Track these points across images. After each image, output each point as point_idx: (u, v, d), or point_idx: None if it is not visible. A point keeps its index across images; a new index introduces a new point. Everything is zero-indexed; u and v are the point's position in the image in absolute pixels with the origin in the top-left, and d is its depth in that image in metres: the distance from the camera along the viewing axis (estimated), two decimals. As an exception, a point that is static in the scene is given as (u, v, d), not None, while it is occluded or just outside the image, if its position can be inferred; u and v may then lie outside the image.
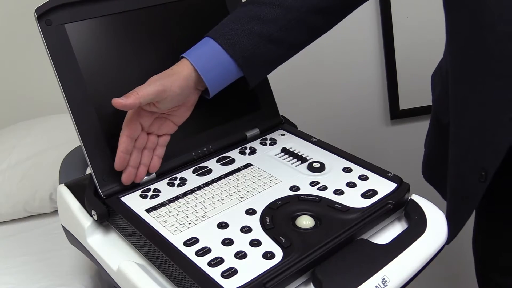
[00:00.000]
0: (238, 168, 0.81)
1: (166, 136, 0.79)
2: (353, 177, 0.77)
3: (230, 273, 0.60)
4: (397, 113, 1.65)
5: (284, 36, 0.78)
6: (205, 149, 0.84)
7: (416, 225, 0.71)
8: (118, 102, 0.70)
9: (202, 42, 0.78)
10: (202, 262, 0.62)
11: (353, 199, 0.72)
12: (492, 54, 0.69)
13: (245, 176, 0.79)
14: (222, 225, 0.68)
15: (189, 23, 0.86)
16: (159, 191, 0.76)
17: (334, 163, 0.81)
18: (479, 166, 0.74)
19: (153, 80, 0.73)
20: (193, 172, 0.80)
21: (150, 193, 0.75)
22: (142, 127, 0.76)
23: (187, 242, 0.65)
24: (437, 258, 0.71)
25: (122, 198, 0.74)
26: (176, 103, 0.76)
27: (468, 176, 0.77)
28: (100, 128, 0.75)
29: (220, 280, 0.59)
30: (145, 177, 0.77)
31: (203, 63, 0.75)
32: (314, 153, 0.84)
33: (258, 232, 0.67)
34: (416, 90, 1.62)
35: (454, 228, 0.80)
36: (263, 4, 0.77)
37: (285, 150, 0.85)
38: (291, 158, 0.83)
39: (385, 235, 0.72)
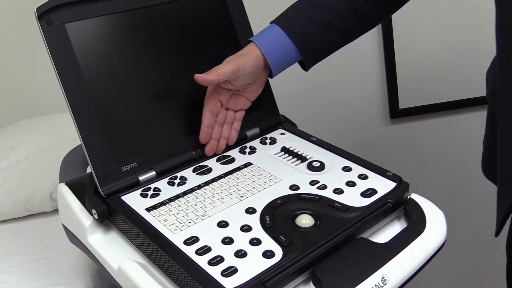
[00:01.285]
0: (238, 167, 0.81)
1: (241, 111, 0.87)
2: (352, 176, 0.77)
3: (230, 271, 0.60)
4: (396, 112, 1.65)
5: (341, 23, 0.86)
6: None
7: (416, 224, 0.72)
8: (200, 77, 0.79)
9: (268, 28, 0.87)
10: (202, 261, 0.62)
11: (353, 198, 0.72)
12: None
13: (245, 175, 0.79)
14: (222, 224, 0.68)
15: (190, 22, 0.86)
16: (159, 190, 0.76)
17: (334, 162, 0.81)
18: None
19: (228, 60, 0.82)
20: (193, 171, 0.80)
21: (150, 192, 0.75)
22: (221, 103, 0.84)
23: (187, 241, 0.65)
24: (437, 256, 0.71)
25: (122, 197, 0.74)
26: (249, 81, 0.85)
27: (508, 164, 0.77)
28: (100, 127, 0.75)
29: (220, 279, 0.59)
30: (145, 176, 0.78)
31: (267, 45, 0.84)
32: (314, 152, 0.84)
33: (258, 231, 0.67)
34: (416, 90, 1.62)
35: (499, 217, 0.81)
36: None
37: (285, 149, 0.85)
38: (291, 157, 0.83)
39: (385, 234, 0.72)
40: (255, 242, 0.65)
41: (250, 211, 0.71)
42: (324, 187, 0.75)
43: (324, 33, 0.86)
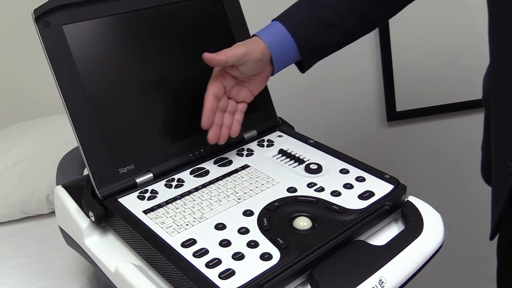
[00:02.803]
0: (236, 169, 0.81)
1: (244, 103, 0.85)
2: (350, 178, 0.77)
3: (227, 274, 0.60)
4: (393, 115, 1.65)
5: (340, 23, 0.86)
6: (202, 150, 0.84)
7: (413, 227, 0.72)
8: (209, 56, 0.78)
9: (271, 24, 0.87)
10: (199, 263, 0.62)
11: (350, 201, 0.72)
12: None
13: (242, 177, 0.79)
14: (220, 227, 0.68)
15: (187, 24, 0.86)
16: (156, 192, 0.76)
17: (331, 164, 0.81)
18: (509, 157, 0.76)
19: (238, 44, 0.82)
20: (191, 173, 0.80)
21: (147, 194, 0.75)
22: (225, 90, 0.82)
23: (185, 244, 0.65)
24: (434, 259, 0.71)
25: (119, 199, 0.74)
26: (255, 70, 0.84)
27: (502, 167, 0.78)
28: (97, 129, 0.75)
29: (218, 281, 0.59)
30: (143, 178, 0.78)
31: (271, 40, 0.84)
32: (311, 155, 0.84)
33: (255, 233, 0.67)
34: (413, 92, 1.62)
35: (492, 223, 0.82)
36: None
37: (282, 152, 0.85)
38: (288, 159, 0.83)
39: (382, 237, 0.72)
40: (252, 244, 0.65)
41: (248, 213, 0.71)
42: (321, 189, 0.75)
43: (323, 32, 0.86)
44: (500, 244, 0.94)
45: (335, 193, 0.74)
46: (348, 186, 0.76)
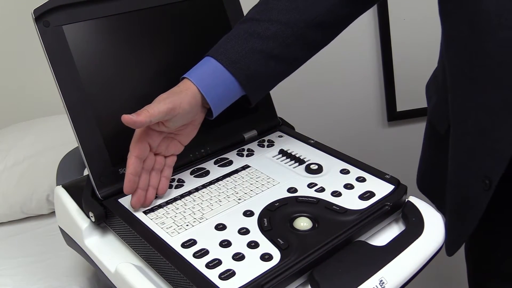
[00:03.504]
0: (236, 169, 0.81)
1: (173, 156, 0.77)
2: (350, 179, 0.77)
3: (228, 275, 0.60)
4: (394, 115, 1.65)
5: (284, 52, 0.77)
6: (202, 150, 0.84)
7: (414, 227, 0.71)
8: (129, 118, 0.68)
9: (203, 62, 0.76)
10: (199, 264, 0.62)
11: (351, 201, 0.72)
12: (492, 58, 0.66)
13: (242, 177, 0.79)
14: (220, 227, 0.68)
15: (187, 24, 0.86)
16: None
17: (332, 164, 0.81)
18: (483, 174, 0.71)
19: (162, 98, 0.72)
20: (191, 173, 0.80)
21: (147, 195, 0.75)
22: (150, 148, 0.74)
23: (185, 244, 0.65)
24: (435, 259, 0.71)
25: (119, 200, 0.74)
26: (185, 121, 0.75)
27: (472, 185, 0.73)
28: (97, 129, 0.75)
29: (218, 282, 0.59)
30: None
31: (205, 82, 0.74)
32: (312, 155, 0.84)
33: (256, 234, 0.67)
34: (413, 92, 1.62)
35: (458, 239, 0.77)
36: (261, 21, 0.76)
37: (282, 152, 0.85)
38: (288, 159, 0.83)
39: (383, 237, 0.72)
40: (253, 245, 0.65)
41: (248, 213, 0.70)
42: (322, 189, 0.75)
43: (267, 65, 0.77)
44: (468, 251, 0.91)
45: (336, 194, 0.74)
46: (349, 186, 0.75)
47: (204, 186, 0.77)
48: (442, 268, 1.70)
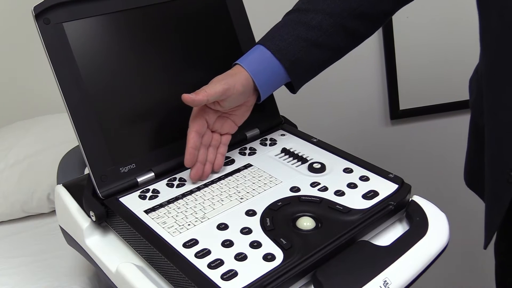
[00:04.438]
0: (238, 168, 0.80)
1: (228, 135, 0.83)
2: (354, 178, 0.77)
3: (230, 275, 0.59)
4: (397, 114, 1.65)
5: (328, 41, 0.82)
6: (204, 149, 0.83)
7: (418, 227, 0.71)
8: (189, 97, 0.74)
9: (253, 49, 0.82)
10: (201, 264, 0.61)
11: (354, 200, 0.72)
12: None
13: (245, 176, 0.78)
14: (222, 227, 0.67)
15: (188, 21, 0.85)
16: (158, 192, 0.75)
17: (335, 163, 0.80)
18: (509, 167, 0.74)
19: (217, 79, 0.77)
20: (193, 172, 0.79)
21: (149, 194, 0.74)
22: (207, 124, 0.80)
23: (187, 244, 0.64)
24: (439, 259, 0.70)
25: (120, 199, 0.73)
26: (238, 102, 0.80)
27: (499, 177, 0.76)
28: (98, 127, 0.74)
29: (220, 283, 0.58)
30: (144, 177, 0.77)
31: (254, 67, 0.80)
32: (315, 154, 0.83)
33: (258, 234, 0.66)
34: (416, 91, 1.61)
35: (488, 232, 0.80)
36: (307, 11, 0.82)
37: (285, 151, 0.84)
38: (291, 158, 0.82)
39: (387, 237, 0.71)
40: (255, 245, 0.64)
41: (250, 213, 0.70)
42: (325, 189, 0.74)
43: (311, 52, 0.82)
44: (497, 245, 0.93)
45: (339, 193, 0.73)
46: (352, 185, 0.75)
47: (206, 185, 0.76)
48: (445, 269, 1.69)
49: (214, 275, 0.59)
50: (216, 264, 0.61)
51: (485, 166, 0.81)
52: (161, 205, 0.72)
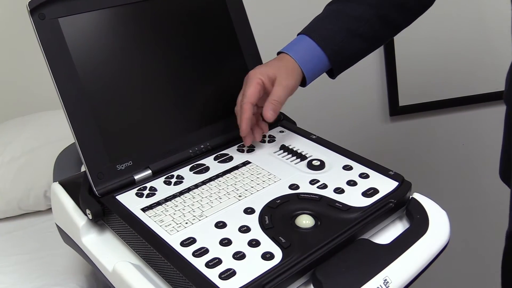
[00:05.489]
0: (236, 166, 0.80)
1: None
2: (353, 175, 0.76)
3: (228, 274, 0.59)
4: (396, 110, 1.64)
5: (368, 31, 0.87)
6: (202, 146, 0.83)
7: (418, 225, 0.70)
8: (270, 114, 0.79)
9: (298, 39, 0.87)
10: (199, 263, 0.60)
11: (354, 198, 0.71)
12: None
13: (243, 174, 0.77)
14: (220, 225, 0.66)
15: (185, 17, 0.84)
16: (155, 190, 0.74)
17: (334, 161, 0.80)
18: None
19: (280, 82, 0.81)
20: (190, 170, 0.79)
21: (146, 192, 0.74)
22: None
23: (184, 242, 0.63)
24: (440, 257, 0.69)
25: (117, 197, 0.72)
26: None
27: None
28: (94, 124, 0.73)
29: (218, 282, 0.58)
30: (141, 175, 0.76)
31: (301, 56, 0.84)
32: (314, 151, 0.82)
33: (257, 232, 0.65)
34: (416, 87, 1.61)
35: None
36: (349, 2, 0.87)
37: (284, 148, 0.84)
38: (290, 155, 0.82)
39: (387, 235, 0.71)
40: (254, 243, 0.63)
41: (249, 211, 0.69)
42: (324, 186, 0.73)
43: (352, 42, 0.87)
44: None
45: (339, 190, 0.72)
46: (352, 183, 0.74)
47: (203, 182, 0.76)
48: (447, 266, 1.69)
49: (212, 274, 0.59)
50: (214, 263, 0.60)
51: None
52: (158, 203, 0.71)
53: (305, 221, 0.67)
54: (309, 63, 0.85)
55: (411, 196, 0.74)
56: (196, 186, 0.75)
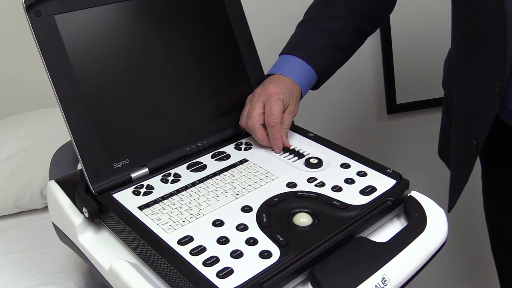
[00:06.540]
0: (234, 163, 0.79)
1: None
2: (351, 173, 0.76)
3: (225, 273, 0.58)
4: (394, 108, 1.64)
5: (347, 43, 0.94)
6: (199, 144, 0.82)
7: (416, 223, 0.70)
8: (285, 145, 0.82)
9: (287, 59, 0.91)
10: (196, 262, 0.60)
11: (352, 196, 0.71)
12: (481, 32, 0.79)
13: (240, 172, 0.77)
14: (218, 223, 0.66)
15: (181, 15, 0.84)
16: (152, 188, 0.74)
17: (332, 158, 0.79)
18: (472, 135, 0.84)
19: (290, 111, 0.85)
20: (187, 168, 0.78)
21: (143, 190, 0.73)
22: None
23: (181, 241, 0.63)
24: (438, 255, 0.69)
25: (114, 195, 0.72)
26: None
27: (464, 144, 0.87)
28: (91, 122, 0.73)
29: (216, 280, 0.57)
30: (138, 173, 0.76)
31: (298, 77, 0.89)
32: (311, 149, 0.82)
33: (254, 230, 0.65)
34: (413, 85, 1.61)
35: (452, 196, 0.94)
36: (326, 19, 0.93)
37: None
38: (287, 153, 0.82)
39: (385, 233, 0.70)
40: (251, 241, 0.63)
41: (246, 209, 0.69)
42: (322, 184, 0.73)
43: (335, 55, 0.93)
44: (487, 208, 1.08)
45: (336, 188, 0.72)
46: (350, 181, 0.74)
47: (201, 180, 0.75)
48: (444, 265, 1.69)
49: (210, 272, 0.58)
50: (211, 261, 0.60)
51: (451, 136, 0.93)
52: (155, 201, 0.71)
53: (302, 219, 0.67)
54: (304, 81, 0.89)
55: (408, 194, 0.74)
56: (193, 184, 0.75)
